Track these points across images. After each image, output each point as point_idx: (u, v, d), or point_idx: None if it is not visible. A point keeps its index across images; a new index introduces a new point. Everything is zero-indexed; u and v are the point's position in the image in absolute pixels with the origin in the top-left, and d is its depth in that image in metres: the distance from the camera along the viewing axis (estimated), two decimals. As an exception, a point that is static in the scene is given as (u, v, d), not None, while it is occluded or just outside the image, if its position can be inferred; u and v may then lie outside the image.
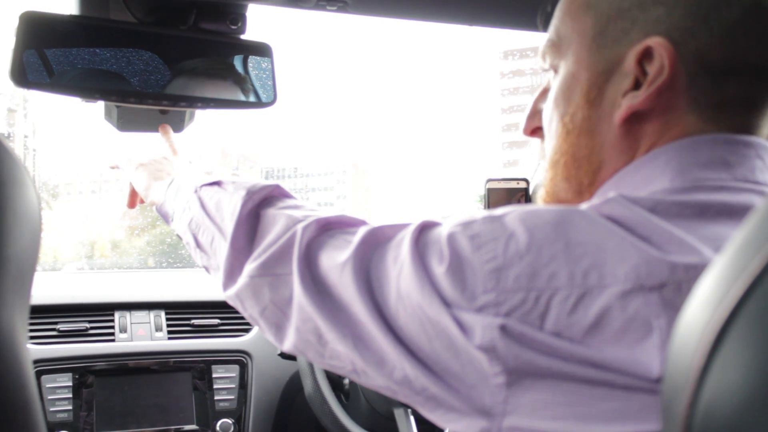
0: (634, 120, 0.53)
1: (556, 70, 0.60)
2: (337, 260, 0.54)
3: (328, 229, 0.59)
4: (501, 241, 0.45)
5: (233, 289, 0.64)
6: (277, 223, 0.63)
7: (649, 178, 0.51)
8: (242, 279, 0.63)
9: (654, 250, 0.41)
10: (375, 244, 0.53)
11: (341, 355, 0.53)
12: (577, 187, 0.58)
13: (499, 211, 0.48)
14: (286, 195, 0.70)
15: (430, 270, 0.47)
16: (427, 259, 0.48)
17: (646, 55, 0.52)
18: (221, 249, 0.68)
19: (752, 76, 0.51)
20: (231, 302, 0.66)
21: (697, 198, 0.46)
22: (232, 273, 0.65)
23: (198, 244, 0.74)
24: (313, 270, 0.56)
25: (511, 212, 0.47)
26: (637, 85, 0.52)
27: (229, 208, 0.69)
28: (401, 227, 0.53)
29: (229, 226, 0.67)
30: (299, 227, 0.59)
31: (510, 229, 0.45)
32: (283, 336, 0.59)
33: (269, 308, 0.60)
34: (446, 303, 0.46)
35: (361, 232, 0.55)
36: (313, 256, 0.57)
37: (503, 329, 0.43)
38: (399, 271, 0.49)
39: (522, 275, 0.43)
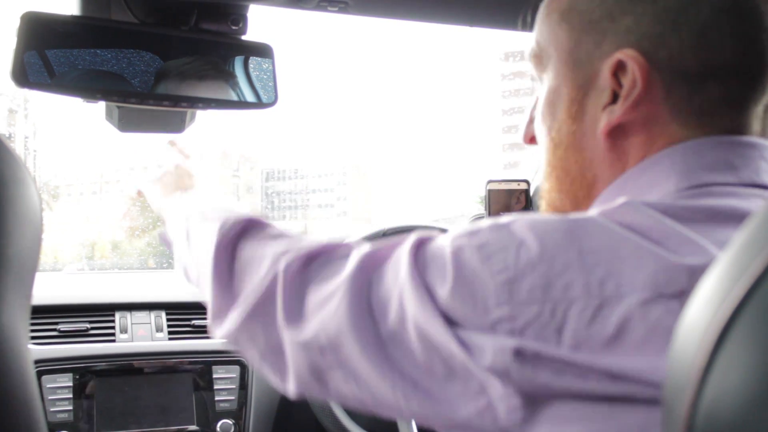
0: (618, 133, 0.53)
1: (541, 81, 0.59)
2: (324, 294, 0.51)
3: (313, 260, 0.55)
4: (511, 250, 0.43)
5: (224, 331, 0.61)
6: (255, 264, 0.59)
7: (653, 181, 0.50)
8: (231, 323, 0.59)
9: (670, 254, 0.40)
10: (370, 269, 0.50)
11: (346, 394, 0.51)
12: (573, 199, 0.58)
13: (503, 219, 0.46)
14: (262, 225, 0.65)
15: (433, 290, 0.45)
16: (429, 279, 0.45)
17: (620, 68, 0.51)
18: (206, 289, 0.64)
19: (731, 75, 0.50)
20: (227, 345, 0.62)
21: (707, 203, 0.45)
22: (218, 314, 0.62)
23: (188, 278, 0.71)
24: (302, 310, 0.53)
25: (517, 220, 0.45)
26: (615, 99, 0.52)
27: (206, 246, 0.65)
28: (395, 246, 0.51)
29: (207, 267, 0.63)
30: (281, 268, 0.55)
31: (519, 238, 0.43)
32: (285, 380, 0.56)
33: (266, 353, 0.57)
34: (453, 323, 0.43)
35: (354, 259, 0.51)
36: (301, 296, 0.54)
37: (518, 353, 0.41)
38: (400, 295, 0.47)
39: (536, 287, 0.41)
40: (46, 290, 1.39)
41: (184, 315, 1.40)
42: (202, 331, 1.39)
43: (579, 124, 0.55)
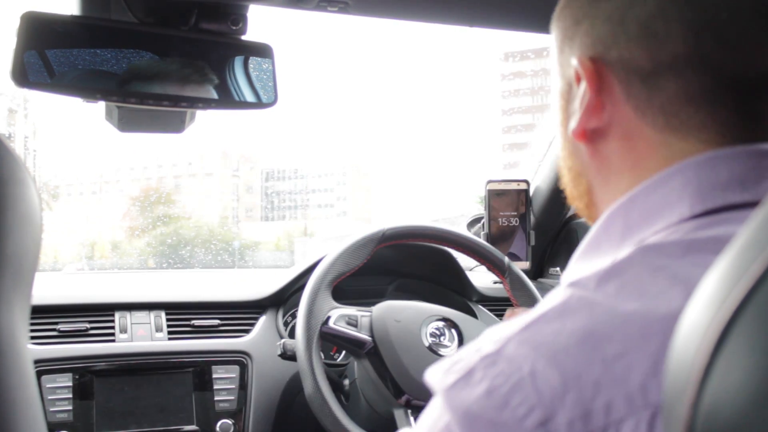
0: (597, 138, 0.51)
1: None
2: None
3: None
4: (525, 384, 0.36)
5: None
6: None
7: (664, 203, 0.46)
8: None
9: None
10: None
11: None
12: (582, 205, 0.57)
13: (487, 345, 0.40)
14: None
15: None
16: None
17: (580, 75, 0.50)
18: None
19: (686, 67, 0.45)
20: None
21: (730, 231, 0.40)
22: None
23: None
24: None
25: (507, 342, 0.39)
26: None
27: None
28: None
29: None
30: None
31: (528, 367, 0.37)
32: None
33: None
34: None
35: None
36: None
37: None
38: None
39: (575, 420, 0.35)
40: (46, 290, 1.38)
41: (183, 315, 1.40)
42: (201, 331, 1.39)
43: (567, 131, 0.54)
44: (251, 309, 1.45)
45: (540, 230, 1.61)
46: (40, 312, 1.30)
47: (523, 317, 0.41)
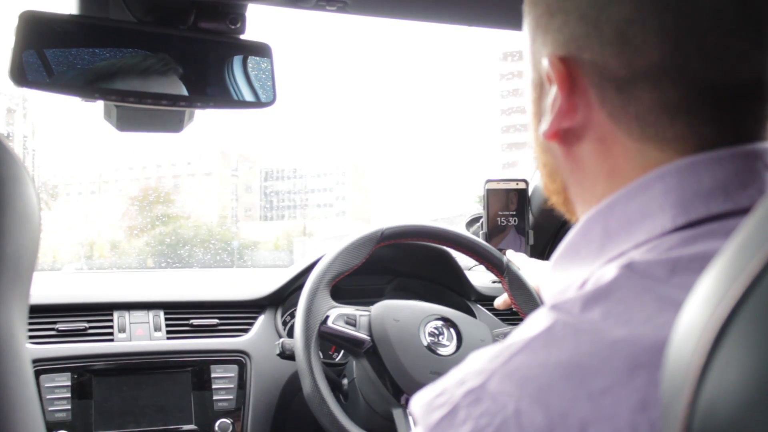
0: (571, 138, 0.48)
1: None
2: None
3: None
4: (510, 425, 0.35)
5: None
6: None
7: (644, 211, 0.43)
8: None
9: None
10: None
11: None
12: (560, 200, 0.55)
13: (471, 379, 0.39)
14: None
15: None
16: None
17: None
18: None
19: (661, 77, 0.43)
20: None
21: (714, 247, 0.38)
22: None
23: None
24: None
25: (490, 377, 0.38)
26: None
27: None
28: None
29: None
30: None
31: (510, 405, 0.36)
32: None
33: None
34: None
35: None
36: None
37: None
38: None
39: None
40: (45, 289, 1.38)
41: (182, 314, 1.40)
42: (200, 331, 1.39)
43: (538, 130, 0.51)
44: (250, 308, 1.45)
45: (539, 229, 1.61)
46: (39, 311, 1.30)
47: (508, 343, 0.39)
